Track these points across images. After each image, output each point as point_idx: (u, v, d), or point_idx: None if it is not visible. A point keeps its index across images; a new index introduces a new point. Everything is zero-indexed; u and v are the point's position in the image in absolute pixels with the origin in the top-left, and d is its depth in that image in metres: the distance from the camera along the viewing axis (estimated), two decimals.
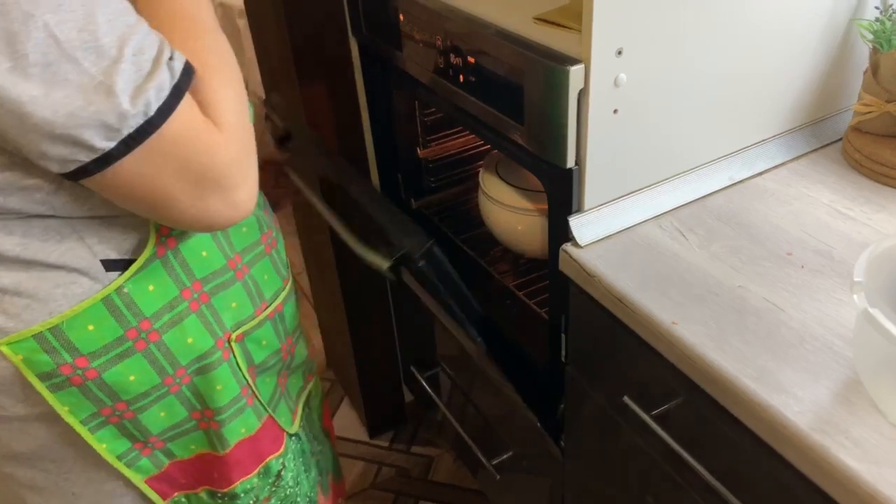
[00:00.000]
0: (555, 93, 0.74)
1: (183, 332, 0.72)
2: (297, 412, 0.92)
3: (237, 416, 0.79)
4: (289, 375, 0.90)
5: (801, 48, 0.87)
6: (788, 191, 0.87)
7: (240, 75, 0.65)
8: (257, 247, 0.80)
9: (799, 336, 0.67)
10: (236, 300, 0.77)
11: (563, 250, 0.81)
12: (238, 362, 0.78)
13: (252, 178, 0.63)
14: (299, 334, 0.91)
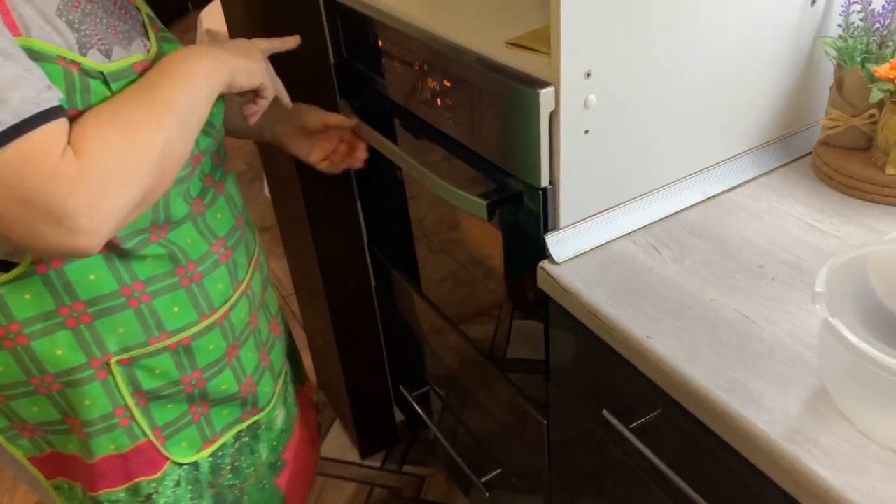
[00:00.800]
0: (527, 115, 0.76)
1: (53, 344, 0.73)
2: (217, 442, 0.90)
3: (106, 432, 0.80)
4: (212, 406, 0.88)
5: (768, 66, 0.89)
6: (760, 204, 0.89)
7: (158, 139, 0.64)
8: (168, 278, 0.78)
9: (769, 347, 0.68)
10: (124, 326, 0.76)
11: (541, 268, 0.83)
12: (118, 384, 0.78)
13: (104, 222, 0.61)
14: (219, 370, 0.86)
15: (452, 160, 0.97)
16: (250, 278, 0.90)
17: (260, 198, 2.81)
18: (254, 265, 0.92)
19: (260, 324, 0.94)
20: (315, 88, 1.22)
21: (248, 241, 0.91)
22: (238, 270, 0.87)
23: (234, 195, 0.89)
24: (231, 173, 0.90)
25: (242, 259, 0.89)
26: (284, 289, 2.33)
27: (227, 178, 0.88)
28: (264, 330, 0.95)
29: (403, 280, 1.33)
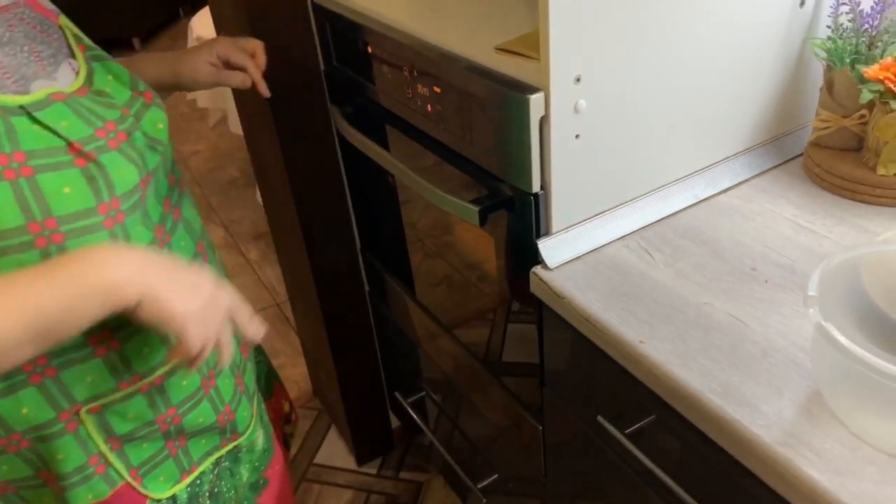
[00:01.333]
0: (517, 120, 0.76)
1: (17, 403, 0.69)
2: (195, 472, 0.86)
3: (82, 483, 0.75)
4: (190, 438, 0.84)
5: (758, 68, 0.89)
6: (752, 206, 0.89)
7: None
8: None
9: (762, 350, 0.68)
10: (92, 375, 0.72)
11: (534, 273, 0.83)
12: (90, 433, 0.74)
13: None
14: (195, 403, 0.81)
15: (444, 165, 0.97)
16: None
17: (254, 204, 2.81)
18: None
19: (232, 347, 0.88)
20: (305, 95, 1.22)
21: (212, 265, 0.86)
22: (214, 269, 0.84)
23: (191, 219, 0.83)
24: (187, 194, 0.85)
25: (212, 263, 0.85)
26: (279, 295, 2.32)
27: (184, 201, 0.82)
28: (235, 352, 0.90)
29: (397, 286, 1.33)
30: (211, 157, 3.24)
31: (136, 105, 0.74)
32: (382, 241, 1.35)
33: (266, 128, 1.27)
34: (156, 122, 0.75)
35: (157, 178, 0.74)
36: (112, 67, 0.74)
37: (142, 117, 0.73)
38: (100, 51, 0.76)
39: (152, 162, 0.73)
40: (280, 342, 2.13)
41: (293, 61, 1.18)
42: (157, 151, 0.74)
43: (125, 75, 0.75)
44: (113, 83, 0.73)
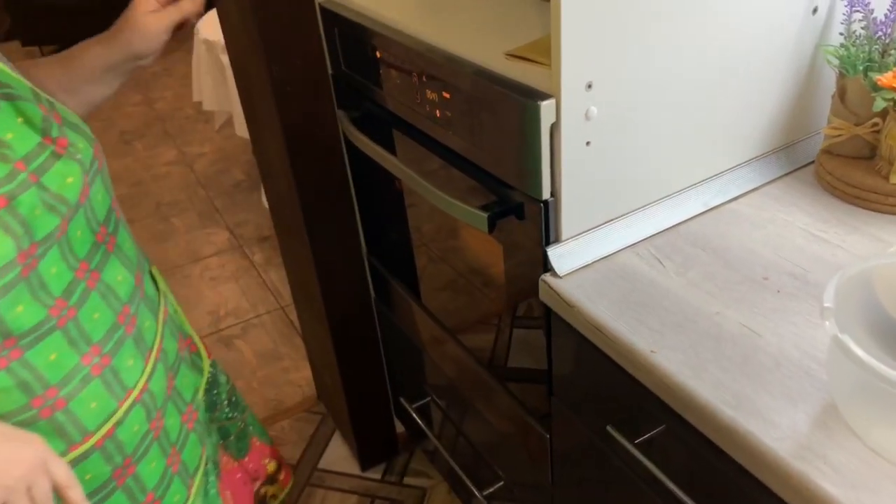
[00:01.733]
0: (528, 127, 0.75)
1: None
2: None
3: None
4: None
5: (770, 75, 0.89)
6: (763, 215, 0.88)
7: None
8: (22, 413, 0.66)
9: (775, 361, 0.67)
10: None
11: (543, 280, 0.82)
12: None
13: None
14: (105, 496, 0.73)
15: (451, 170, 0.97)
16: (148, 378, 0.75)
17: (258, 207, 2.81)
18: (154, 356, 0.76)
19: (167, 422, 0.78)
20: (313, 100, 1.22)
21: (145, 325, 0.76)
22: (123, 376, 0.72)
23: (114, 285, 0.72)
24: (122, 241, 0.76)
25: (129, 358, 0.73)
26: (283, 298, 2.32)
27: (109, 261, 0.73)
28: (174, 426, 0.80)
29: (403, 290, 1.32)
30: (216, 159, 3.24)
31: (40, 157, 0.64)
32: (388, 246, 1.35)
33: (273, 131, 1.27)
34: (63, 177, 0.66)
35: (59, 244, 0.66)
36: (25, 109, 0.65)
37: (45, 172, 0.64)
38: (16, 87, 0.67)
39: (45, 228, 0.64)
40: (285, 346, 2.13)
41: (301, 65, 1.18)
42: (57, 214, 0.65)
43: (37, 118, 0.66)
44: (20, 128, 0.64)
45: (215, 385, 0.94)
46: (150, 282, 0.82)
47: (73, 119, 0.72)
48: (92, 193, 0.70)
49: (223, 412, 0.96)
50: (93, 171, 0.71)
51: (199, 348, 0.93)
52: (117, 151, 3.38)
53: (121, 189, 3.07)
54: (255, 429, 1.04)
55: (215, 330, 2.22)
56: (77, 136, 0.69)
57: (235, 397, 0.98)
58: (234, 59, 1.37)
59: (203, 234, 2.71)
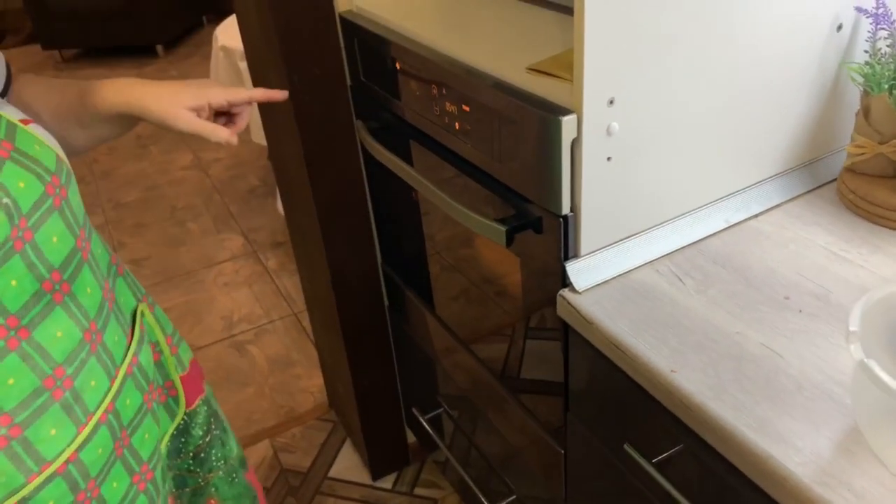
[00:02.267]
0: (549, 142, 0.75)
1: None
2: None
3: None
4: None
5: (793, 92, 0.88)
6: (784, 233, 0.87)
7: None
8: None
9: (798, 383, 0.66)
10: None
11: (561, 296, 0.81)
12: None
13: None
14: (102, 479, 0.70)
15: (468, 181, 0.96)
16: (79, 447, 0.67)
17: (273, 213, 2.82)
18: (97, 419, 0.69)
19: (106, 488, 0.71)
20: (331, 110, 1.22)
21: (88, 385, 0.68)
22: (41, 447, 0.64)
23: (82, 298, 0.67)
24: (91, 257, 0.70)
25: (52, 427, 0.65)
26: (296, 305, 2.32)
27: (81, 275, 0.67)
28: (117, 492, 0.72)
29: (416, 300, 1.32)
30: (232, 164, 3.25)
31: None
32: (403, 255, 1.35)
33: (291, 140, 1.27)
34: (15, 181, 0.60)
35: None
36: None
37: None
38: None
39: None
40: (297, 352, 2.13)
41: (320, 75, 1.18)
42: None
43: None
44: None
45: (185, 434, 0.89)
46: (116, 328, 0.73)
47: (32, 148, 0.64)
48: (39, 237, 0.62)
49: (185, 462, 0.90)
50: (40, 212, 0.62)
51: (179, 394, 0.87)
52: (133, 155, 3.41)
53: (136, 193, 3.09)
54: (221, 493, 0.95)
55: (228, 335, 2.22)
56: (20, 173, 0.61)
57: (206, 454, 0.92)
58: (253, 67, 1.37)
59: (217, 239, 2.72)
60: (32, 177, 0.62)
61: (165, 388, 0.85)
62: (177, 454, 0.89)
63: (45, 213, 0.63)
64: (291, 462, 1.77)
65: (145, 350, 0.78)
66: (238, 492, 0.98)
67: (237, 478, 0.97)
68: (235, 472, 0.96)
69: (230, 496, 0.96)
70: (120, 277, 0.80)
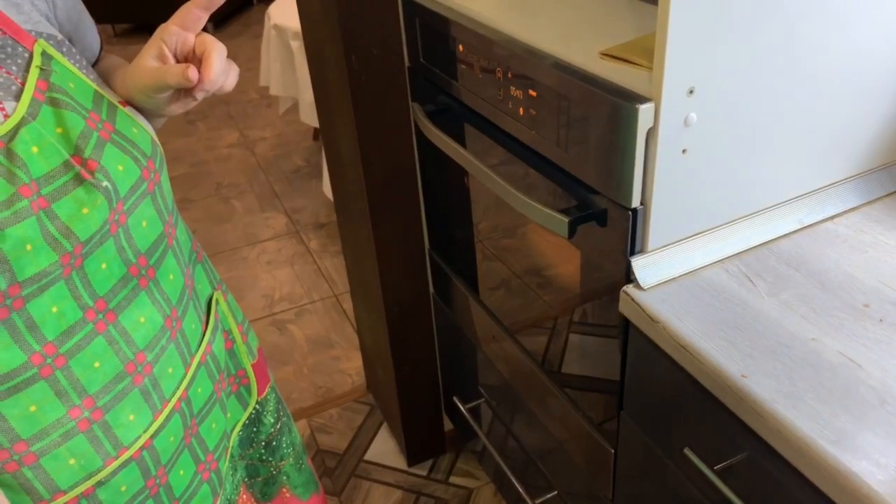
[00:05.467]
0: (622, 131, 0.72)
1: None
2: None
3: None
4: None
5: (879, 91, 0.83)
6: (863, 237, 0.83)
7: None
8: (59, 428, 0.61)
9: (879, 396, 0.63)
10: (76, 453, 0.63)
11: (625, 292, 0.79)
12: None
13: None
14: (171, 466, 0.71)
15: (525, 167, 0.94)
16: (154, 433, 0.67)
17: (317, 193, 2.82)
18: (172, 407, 0.69)
19: (174, 476, 0.71)
20: (388, 91, 1.20)
21: (165, 372, 0.68)
22: (119, 432, 0.65)
23: (150, 316, 0.66)
24: (161, 275, 0.67)
25: (131, 413, 0.65)
26: (337, 286, 2.32)
27: (138, 298, 0.65)
28: (183, 480, 0.72)
29: (462, 287, 1.30)
30: (277, 144, 3.27)
31: (60, 179, 0.56)
32: (450, 241, 1.33)
33: (345, 120, 1.26)
34: (78, 206, 0.57)
35: (66, 281, 0.58)
36: (68, 118, 0.58)
37: (60, 197, 0.56)
38: (74, 90, 0.59)
39: (34, 266, 0.55)
40: (336, 334, 2.13)
41: (379, 56, 1.17)
42: (57, 250, 0.56)
43: (75, 131, 0.58)
44: (48, 142, 0.56)
45: (257, 423, 0.89)
46: (194, 316, 0.73)
47: (130, 131, 0.63)
48: (131, 221, 0.62)
49: (257, 451, 0.90)
50: (135, 196, 0.62)
51: (251, 382, 0.86)
52: (181, 131, 3.44)
53: (182, 168, 3.12)
54: (292, 480, 0.96)
55: (269, 313, 2.24)
56: (119, 156, 0.60)
57: (277, 442, 0.91)
58: (310, 46, 1.36)
59: (261, 217, 2.74)
60: (130, 160, 0.61)
61: (238, 377, 0.85)
62: (249, 444, 0.89)
63: (140, 197, 0.63)
64: (328, 443, 1.77)
65: (219, 338, 0.78)
66: (306, 478, 0.98)
67: (303, 464, 0.97)
68: (301, 459, 0.96)
69: (299, 483, 0.96)
70: (199, 265, 0.79)
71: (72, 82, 0.60)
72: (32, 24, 0.61)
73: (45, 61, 0.59)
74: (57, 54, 0.60)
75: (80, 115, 0.59)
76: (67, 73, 0.60)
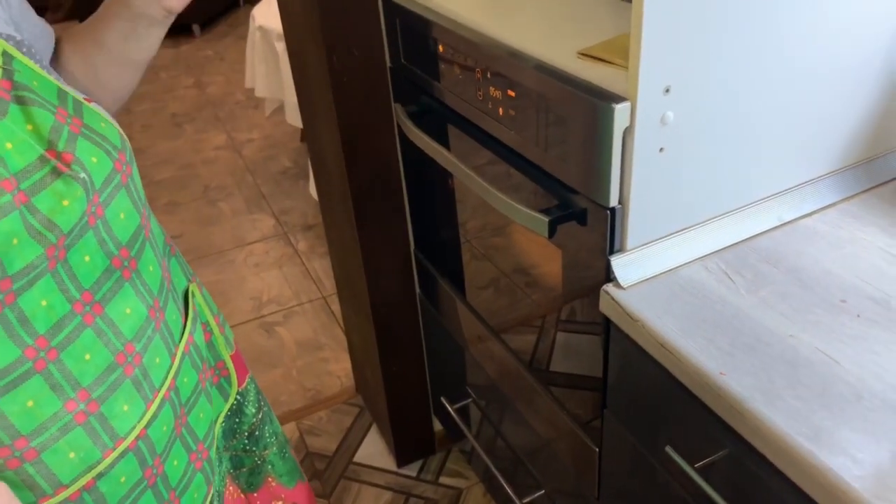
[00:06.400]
0: (599, 130, 0.72)
1: None
2: None
3: None
4: None
5: (855, 87, 0.84)
6: (840, 233, 0.83)
7: None
8: (57, 421, 0.61)
9: (856, 392, 0.63)
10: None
11: (605, 291, 0.79)
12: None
13: None
14: (135, 498, 0.70)
15: (507, 167, 0.94)
16: (148, 423, 0.68)
17: (305, 195, 2.82)
18: (162, 396, 0.70)
19: (169, 466, 0.72)
20: (370, 92, 1.20)
21: (153, 363, 0.69)
22: (115, 423, 0.65)
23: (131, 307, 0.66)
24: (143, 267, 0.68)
25: (125, 403, 0.66)
26: (325, 288, 2.32)
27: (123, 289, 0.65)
28: (177, 469, 0.73)
29: (448, 288, 1.30)
30: (265, 146, 3.26)
31: (38, 174, 0.57)
32: (435, 242, 1.33)
33: (327, 122, 1.26)
34: (58, 199, 0.57)
35: (52, 273, 0.59)
36: (36, 115, 0.58)
37: (38, 191, 0.57)
38: (39, 87, 0.60)
39: (22, 259, 0.56)
40: (325, 336, 2.13)
41: (360, 57, 1.16)
42: (42, 243, 0.57)
43: (46, 127, 0.59)
44: (23, 138, 0.57)
45: (239, 414, 0.89)
46: (174, 308, 0.74)
47: (98, 125, 0.64)
48: (109, 213, 0.62)
49: (241, 442, 0.90)
50: (110, 188, 0.62)
51: (231, 374, 0.87)
52: (168, 133, 3.43)
53: (170, 171, 3.11)
54: (276, 469, 0.96)
55: (257, 316, 2.23)
56: (92, 149, 0.61)
57: (259, 432, 0.92)
58: (291, 47, 1.36)
59: (249, 219, 2.73)
60: (102, 153, 0.62)
61: (217, 368, 0.85)
62: (232, 435, 0.89)
63: (115, 189, 0.63)
64: (317, 445, 1.77)
65: (198, 330, 0.79)
66: (290, 467, 0.99)
67: (287, 453, 0.98)
68: (285, 448, 0.97)
69: (284, 471, 0.97)
70: (173, 258, 0.80)
71: (35, 80, 0.60)
72: None
73: (7, 61, 0.59)
74: (17, 53, 0.60)
75: (49, 110, 0.60)
76: (30, 72, 0.61)
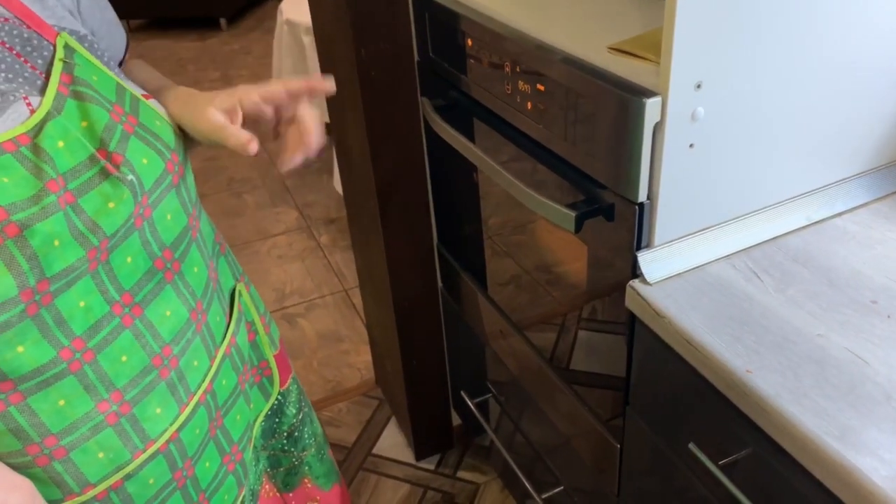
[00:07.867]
0: (629, 125, 0.72)
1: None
2: None
3: None
4: None
5: (889, 87, 0.82)
6: (871, 233, 0.82)
7: None
8: (89, 421, 0.61)
9: (885, 393, 0.63)
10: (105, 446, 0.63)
11: (631, 287, 0.79)
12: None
13: None
14: (164, 499, 0.69)
15: (533, 161, 0.94)
16: (181, 426, 0.68)
17: (328, 189, 2.83)
18: (197, 400, 0.69)
19: (200, 468, 0.71)
20: (397, 86, 1.20)
21: (191, 365, 0.68)
22: (146, 425, 0.65)
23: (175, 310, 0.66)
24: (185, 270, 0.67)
25: (157, 406, 0.66)
26: (346, 281, 2.33)
27: (163, 293, 0.65)
28: (208, 472, 0.72)
29: (471, 282, 1.30)
30: None
31: (87, 174, 0.56)
32: (458, 236, 1.33)
33: (354, 115, 1.26)
34: (104, 201, 0.57)
35: (92, 275, 0.58)
36: (92, 112, 0.57)
37: (86, 192, 0.56)
38: (97, 83, 0.59)
39: (62, 261, 0.55)
40: (346, 328, 2.14)
41: (388, 50, 1.17)
42: (83, 245, 0.56)
43: (100, 124, 0.57)
44: (73, 136, 0.56)
45: (279, 414, 0.89)
46: (218, 308, 0.73)
47: (154, 123, 0.63)
48: (156, 214, 0.62)
49: (279, 442, 0.90)
50: (159, 190, 0.62)
51: (273, 373, 0.86)
52: None
53: (194, 163, 3.13)
54: (314, 471, 0.96)
55: (280, 307, 2.25)
56: (143, 149, 0.60)
57: (299, 433, 0.92)
58: (320, 40, 1.37)
59: (273, 212, 2.75)
60: (154, 153, 0.62)
61: (260, 368, 0.85)
62: (271, 434, 0.89)
63: (164, 190, 0.63)
64: (337, 436, 1.78)
65: (242, 330, 0.78)
66: (327, 469, 0.98)
67: (325, 455, 0.97)
68: (323, 449, 0.96)
69: (321, 473, 0.97)
70: (222, 257, 0.79)
71: (95, 75, 0.60)
72: (56, 18, 0.61)
73: (68, 54, 0.59)
74: (79, 47, 0.61)
75: (105, 108, 0.59)
76: (90, 66, 0.61)
